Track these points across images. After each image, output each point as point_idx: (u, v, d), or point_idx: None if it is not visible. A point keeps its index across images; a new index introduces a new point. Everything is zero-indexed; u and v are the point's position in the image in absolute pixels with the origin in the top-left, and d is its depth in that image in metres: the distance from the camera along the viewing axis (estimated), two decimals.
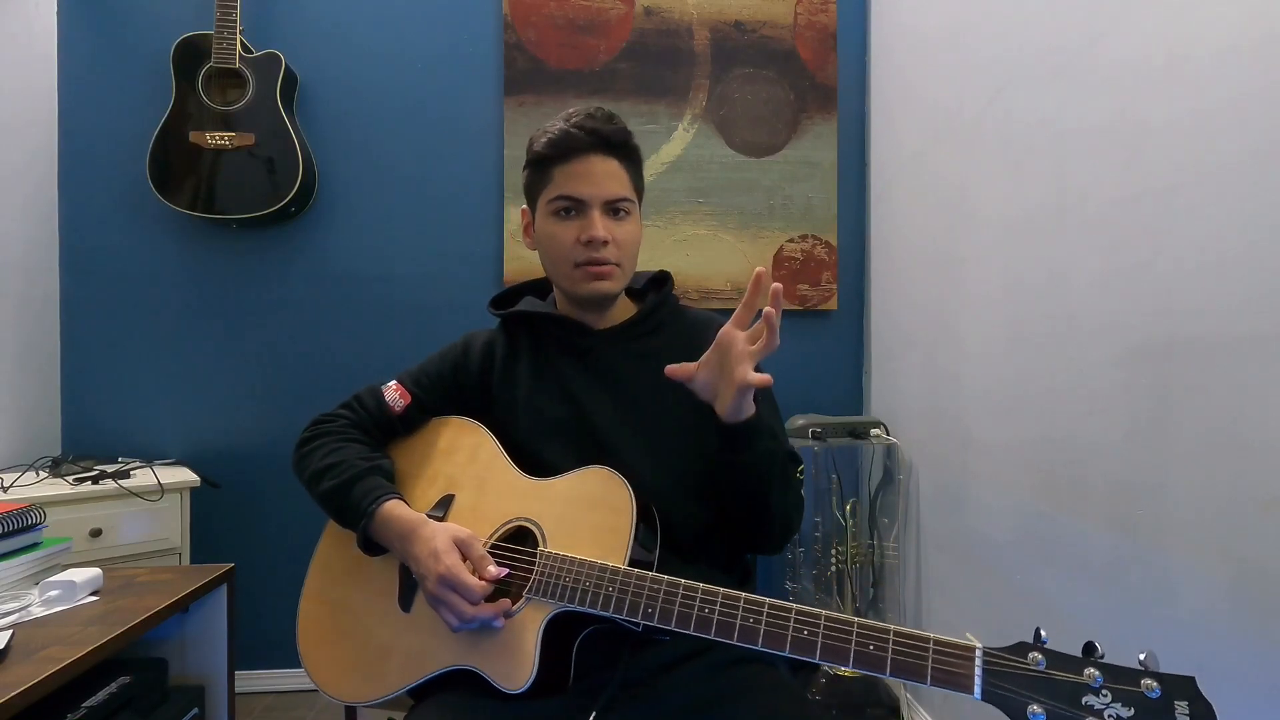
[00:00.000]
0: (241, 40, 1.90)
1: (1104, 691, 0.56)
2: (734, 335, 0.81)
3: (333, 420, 1.01)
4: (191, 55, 1.89)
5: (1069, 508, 1.23)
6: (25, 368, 1.86)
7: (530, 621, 0.80)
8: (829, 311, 2.16)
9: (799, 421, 1.89)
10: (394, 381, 1.02)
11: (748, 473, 0.87)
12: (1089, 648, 0.59)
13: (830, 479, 1.97)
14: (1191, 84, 0.98)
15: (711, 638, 0.72)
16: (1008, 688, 0.58)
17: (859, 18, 2.17)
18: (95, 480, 1.62)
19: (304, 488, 0.97)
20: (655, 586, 0.76)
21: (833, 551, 1.93)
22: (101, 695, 1.02)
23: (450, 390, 1.03)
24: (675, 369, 0.84)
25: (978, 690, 0.59)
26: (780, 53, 2.13)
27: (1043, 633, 0.61)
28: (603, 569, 0.79)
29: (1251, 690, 0.88)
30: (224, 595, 1.26)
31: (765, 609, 0.71)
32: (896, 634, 0.64)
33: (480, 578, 0.81)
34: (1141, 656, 0.56)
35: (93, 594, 1.12)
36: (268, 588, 1.91)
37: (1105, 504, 1.14)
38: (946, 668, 0.61)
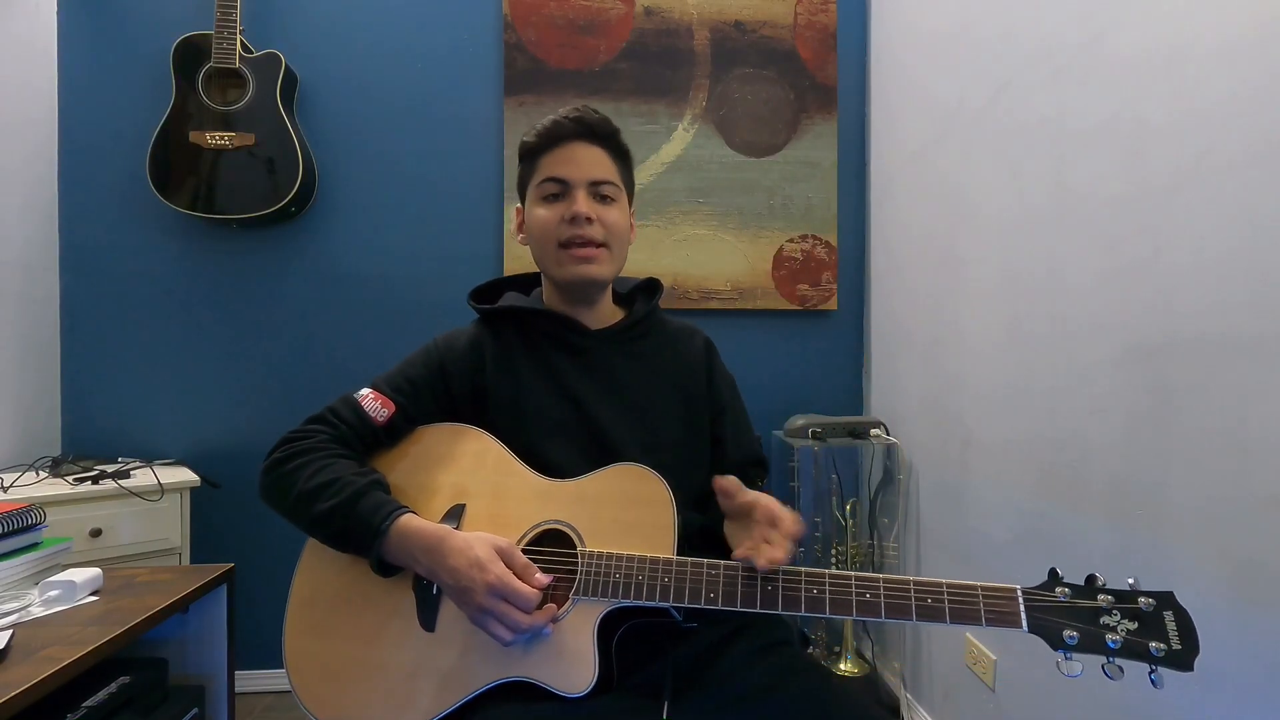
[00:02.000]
0: (241, 40, 1.90)
1: (1114, 611, 0.68)
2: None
3: (309, 436, 0.91)
4: (191, 55, 1.89)
5: (1069, 506, 1.23)
6: (25, 368, 1.86)
7: (582, 623, 0.80)
8: (829, 311, 2.16)
9: (799, 421, 1.89)
10: (368, 390, 0.94)
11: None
12: (1091, 578, 0.70)
13: (830, 479, 1.97)
14: (1193, 81, 0.98)
15: (779, 612, 0.76)
16: (1047, 618, 0.69)
17: (859, 17, 2.17)
18: (95, 480, 1.62)
19: (284, 512, 0.89)
20: (714, 571, 0.79)
21: (833, 551, 1.93)
22: (101, 695, 1.02)
23: (439, 394, 0.96)
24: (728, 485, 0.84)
25: (1025, 623, 0.69)
26: (780, 53, 2.13)
27: (1059, 570, 0.71)
28: (655, 560, 0.81)
29: (1251, 688, 0.88)
30: (224, 595, 1.26)
31: (826, 578, 0.76)
32: (949, 586, 0.72)
33: (528, 585, 0.79)
34: (1130, 581, 0.69)
35: (93, 594, 1.12)
36: (268, 588, 1.90)
37: (1105, 502, 1.14)
38: (997, 609, 0.70)
